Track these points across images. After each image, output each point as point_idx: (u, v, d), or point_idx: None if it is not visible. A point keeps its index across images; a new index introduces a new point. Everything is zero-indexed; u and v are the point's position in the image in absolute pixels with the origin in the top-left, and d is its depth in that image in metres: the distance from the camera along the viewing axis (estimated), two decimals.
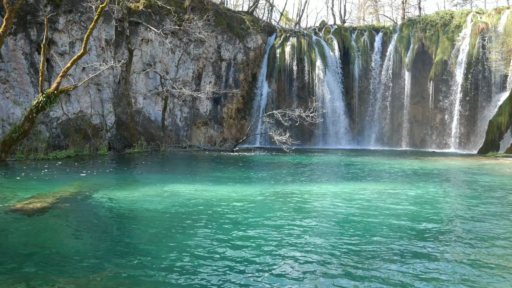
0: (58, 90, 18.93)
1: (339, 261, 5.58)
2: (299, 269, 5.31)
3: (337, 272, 5.20)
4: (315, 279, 5.00)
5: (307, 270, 5.28)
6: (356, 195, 10.77)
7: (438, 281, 4.90)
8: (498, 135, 26.72)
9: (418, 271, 5.24)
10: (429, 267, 5.36)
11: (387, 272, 5.17)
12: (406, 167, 18.21)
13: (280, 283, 4.86)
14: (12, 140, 18.41)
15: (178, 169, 17.59)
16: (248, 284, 4.85)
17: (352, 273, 5.15)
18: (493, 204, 9.63)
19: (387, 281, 4.91)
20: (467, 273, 5.17)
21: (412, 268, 5.34)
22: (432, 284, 4.83)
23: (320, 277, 5.05)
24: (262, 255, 5.82)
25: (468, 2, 41.29)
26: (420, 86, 34.27)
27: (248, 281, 4.92)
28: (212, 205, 9.31)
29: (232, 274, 5.12)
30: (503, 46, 29.37)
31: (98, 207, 9.20)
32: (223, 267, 5.34)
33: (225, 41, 34.26)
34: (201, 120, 33.32)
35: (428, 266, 5.39)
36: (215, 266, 5.39)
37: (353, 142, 36.25)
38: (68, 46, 24.46)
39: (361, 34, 37.50)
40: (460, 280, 4.94)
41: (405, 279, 4.96)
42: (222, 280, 4.93)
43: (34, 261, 5.57)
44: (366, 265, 5.45)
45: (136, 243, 6.47)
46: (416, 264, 5.47)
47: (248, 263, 5.52)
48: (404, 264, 5.48)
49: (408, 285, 4.79)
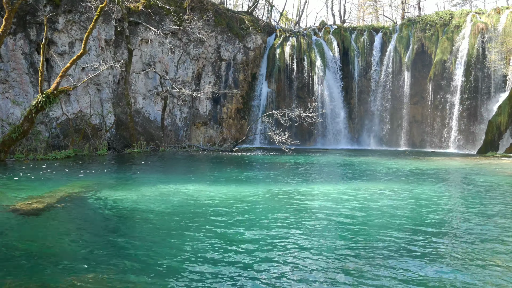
0: (57, 90, 18.92)
1: (339, 262, 5.58)
2: (299, 269, 5.32)
3: (337, 272, 5.21)
4: (314, 279, 5.00)
5: (307, 270, 5.28)
6: (355, 195, 10.78)
7: (438, 282, 4.91)
8: (498, 135, 26.74)
9: (418, 271, 5.24)
10: (429, 268, 5.36)
11: (387, 273, 5.18)
12: (406, 167, 18.22)
13: (279, 283, 4.86)
14: (11, 140, 18.40)
15: (177, 169, 17.59)
16: (248, 284, 4.85)
17: (351, 274, 5.15)
18: (492, 204, 9.63)
19: (387, 281, 4.91)
20: (468, 273, 5.18)
21: (412, 268, 5.34)
22: (432, 285, 4.84)
23: (320, 277, 5.06)
24: (262, 255, 5.83)
25: (467, 2, 41.33)
26: (420, 86, 34.28)
27: (248, 281, 4.92)
28: (211, 205, 9.31)
29: (232, 274, 5.12)
30: (503, 46, 29.39)
31: (97, 207, 9.20)
32: (223, 267, 5.34)
33: (225, 41, 34.27)
34: (201, 120, 33.32)
35: (428, 267, 5.40)
36: (215, 266, 5.39)
37: (353, 142, 36.26)
38: (68, 46, 24.45)
39: (360, 34, 37.50)
40: (460, 281, 4.94)
41: (404, 280, 4.96)
42: (222, 280, 4.94)
43: (33, 261, 5.57)
44: (366, 265, 5.45)
45: (136, 243, 6.47)
46: (416, 265, 5.47)
47: (248, 263, 5.52)
48: (404, 264, 5.49)
49: (408, 286, 4.79)
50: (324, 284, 4.84)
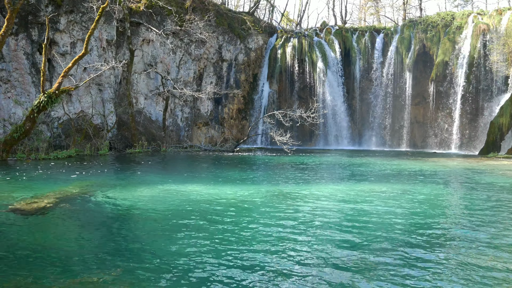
0: (59, 90, 18.97)
1: (338, 262, 5.58)
2: (298, 269, 5.31)
3: (336, 273, 5.20)
4: (314, 279, 5.00)
5: (307, 270, 5.28)
6: (356, 196, 10.77)
7: (439, 283, 4.90)
8: (499, 136, 26.69)
9: (418, 273, 5.23)
10: (429, 269, 5.35)
11: (387, 274, 5.17)
12: (407, 168, 18.20)
13: (279, 283, 4.86)
14: (13, 140, 18.45)
15: (178, 169, 17.60)
16: (248, 284, 4.85)
17: (350, 274, 5.15)
18: (494, 205, 9.61)
19: (387, 282, 4.91)
20: (468, 276, 5.17)
21: (412, 270, 5.34)
22: (432, 286, 4.83)
23: (320, 277, 5.05)
24: (262, 255, 5.82)
25: (469, 3, 41.27)
26: (421, 87, 34.25)
27: (248, 281, 4.92)
28: (212, 205, 9.32)
29: (232, 275, 5.12)
30: (504, 47, 29.33)
31: (98, 207, 9.21)
32: (223, 267, 5.34)
33: (226, 42, 34.29)
34: (202, 120, 33.34)
35: (428, 268, 5.39)
36: (215, 266, 5.39)
37: (354, 143, 36.24)
38: (70, 46, 24.51)
39: (362, 35, 37.49)
40: (461, 283, 4.93)
41: (405, 281, 4.96)
42: (222, 280, 4.94)
43: (34, 261, 5.58)
44: (365, 266, 5.44)
45: (137, 243, 6.48)
46: (415, 266, 5.46)
47: (248, 263, 5.52)
48: (404, 266, 5.48)
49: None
50: (324, 284, 4.83)
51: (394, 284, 4.84)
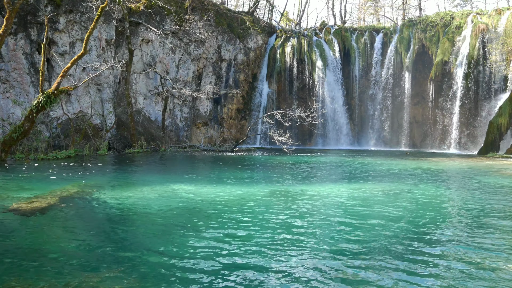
0: (58, 90, 18.94)
1: (338, 262, 5.58)
2: (298, 269, 5.31)
3: (336, 273, 5.20)
4: (314, 279, 5.00)
5: (307, 270, 5.28)
6: (355, 196, 10.77)
7: (439, 282, 4.90)
8: (498, 136, 26.73)
9: (417, 273, 5.23)
10: (429, 269, 5.36)
11: (387, 274, 5.17)
12: (406, 168, 18.21)
13: (279, 283, 4.86)
14: (12, 140, 18.42)
15: (178, 169, 17.59)
16: (248, 284, 4.85)
17: (350, 275, 5.15)
18: (493, 205, 9.62)
19: (387, 282, 4.91)
20: (468, 275, 5.17)
21: (411, 270, 5.34)
22: (430, 285, 4.83)
23: (320, 277, 5.06)
24: (262, 255, 5.82)
25: (468, 3, 41.33)
26: (420, 87, 34.29)
27: (248, 281, 4.92)
28: (211, 205, 9.31)
29: (232, 275, 5.12)
30: (504, 47, 29.38)
31: (97, 207, 9.20)
32: (223, 267, 5.34)
33: (226, 42, 34.28)
34: (201, 120, 33.33)
35: (428, 268, 5.39)
36: (215, 266, 5.39)
37: (353, 142, 36.27)
38: (69, 46, 24.48)
39: (361, 34, 37.52)
40: (461, 283, 4.93)
41: (404, 281, 4.96)
42: (222, 280, 4.94)
43: (34, 261, 5.57)
44: (365, 266, 5.44)
45: (136, 243, 6.47)
46: (415, 266, 5.47)
47: (247, 263, 5.52)
48: (404, 266, 5.48)
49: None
50: (324, 284, 4.83)
51: (394, 284, 4.84)
